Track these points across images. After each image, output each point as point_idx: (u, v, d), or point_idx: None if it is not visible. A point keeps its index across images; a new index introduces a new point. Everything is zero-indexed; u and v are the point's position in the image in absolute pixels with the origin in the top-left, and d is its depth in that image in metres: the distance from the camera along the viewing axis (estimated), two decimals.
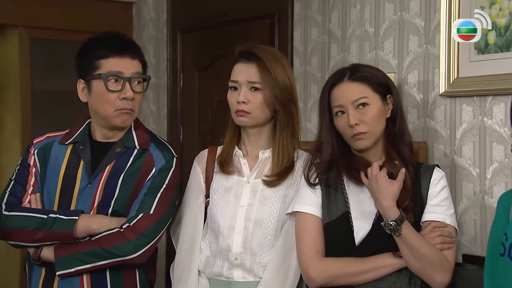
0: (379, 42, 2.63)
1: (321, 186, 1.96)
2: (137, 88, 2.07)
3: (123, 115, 2.06)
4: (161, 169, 2.08)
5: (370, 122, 1.88)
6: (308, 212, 1.94)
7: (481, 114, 2.29)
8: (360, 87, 1.90)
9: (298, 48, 3.07)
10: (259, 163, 2.10)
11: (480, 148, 2.30)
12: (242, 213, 2.06)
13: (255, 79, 2.02)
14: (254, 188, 2.08)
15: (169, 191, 2.08)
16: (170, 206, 2.09)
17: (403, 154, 1.92)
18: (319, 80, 2.96)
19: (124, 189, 2.07)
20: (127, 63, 2.05)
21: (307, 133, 3.03)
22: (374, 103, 1.90)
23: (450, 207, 1.91)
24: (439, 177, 1.93)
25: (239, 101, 2.02)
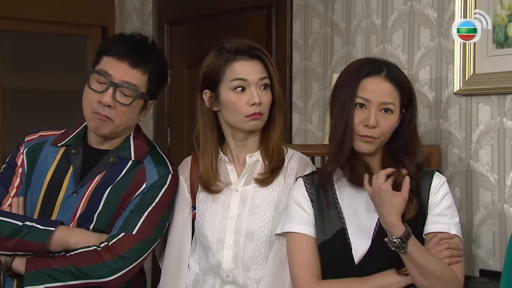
0: (387, 35, 2.63)
1: (312, 202, 1.95)
2: (122, 99, 2.02)
3: (97, 120, 2.03)
4: (153, 185, 2.07)
5: (385, 130, 1.88)
6: (300, 231, 1.93)
7: (499, 115, 2.28)
8: (393, 92, 1.89)
9: (298, 41, 3.06)
10: (247, 168, 2.08)
11: (499, 152, 2.29)
12: (232, 226, 2.05)
13: (264, 75, 2.02)
14: (243, 197, 2.07)
15: (158, 210, 2.06)
16: (158, 228, 2.06)
17: (406, 168, 1.89)
18: (320, 77, 2.96)
19: (109, 203, 2.05)
20: (123, 68, 2.02)
21: (307, 136, 3.02)
22: (396, 113, 1.90)
23: (454, 216, 1.90)
24: (439, 184, 1.91)
25: (255, 103, 1.99)
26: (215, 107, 2.06)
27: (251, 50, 2.02)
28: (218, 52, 2.05)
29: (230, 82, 2.00)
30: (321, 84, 2.96)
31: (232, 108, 2.01)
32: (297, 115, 3.08)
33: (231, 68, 2.00)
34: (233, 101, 2.00)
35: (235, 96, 2.00)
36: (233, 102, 2.00)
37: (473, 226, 2.35)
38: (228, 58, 2.01)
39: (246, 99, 2.00)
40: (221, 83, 2.01)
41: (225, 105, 2.02)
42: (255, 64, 2.02)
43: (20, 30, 3.60)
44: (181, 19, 3.68)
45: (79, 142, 2.12)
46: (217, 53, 2.04)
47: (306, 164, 2.10)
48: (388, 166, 1.91)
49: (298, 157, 2.11)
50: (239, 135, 2.08)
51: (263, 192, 2.06)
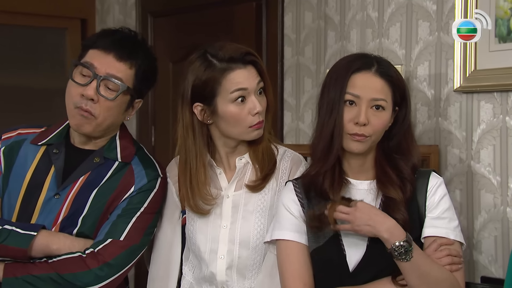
0: (383, 29, 2.63)
1: (303, 207, 1.94)
2: (105, 92, 2.01)
3: (79, 117, 2.01)
4: (141, 189, 2.06)
5: (377, 128, 1.87)
6: (290, 239, 1.92)
7: (502, 113, 2.29)
8: (385, 88, 1.88)
9: (290, 35, 3.06)
10: (237, 172, 2.08)
11: (502, 153, 2.29)
12: (225, 235, 2.05)
13: (259, 79, 2.02)
14: (235, 203, 2.06)
15: (146, 216, 2.06)
16: (145, 235, 2.06)
17: (401, 170, 1.90)
18: (313, 73, 2.96)
19: (95, 206, 2.04)
20: (108, 61, 2.01)
21: (299, 135, 3.02)
22: (388, 110, 1.89)
23: (453, 219, 1.90)
24: (436, 185, 1.91)
25: (258, 112, 1.99)
26: (209, 120, 2.04)
27: (245, 56, 2.00)
28: (206, 61, 2.00)
29: (230, 94, 1.98)
30: (314, 81, 2.96)
31: (234, 120, 2.00)
32: (288, 114, 3.08)
33: (228, 79, 1.98)
34: (235, 113, 1.99)
35: (236, 108, 1.99)
36: (235, 115, 1.99)
37: (474, 231, 2.36)
38: (223, 68, 1.98)
39: (248, 109, 1.99)
40: (218, 95, 1.99)
41: (225, 118, 2.00)
42: (250, 70, 2.01)
43: None
44: (166, 11, 3.67)
45: (61, 141, 2.11)
46: (206, 63, 1.99)
47: (299, 162, 2.10)
48: (382, 168, 1.91)
49: (290, 155, 2.10)
50: (232, 144, 2.08)
51: (256, 197, 2.06)
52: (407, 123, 1.94)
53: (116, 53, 2.01)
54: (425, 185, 1.90)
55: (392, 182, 1.88)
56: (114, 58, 2.01)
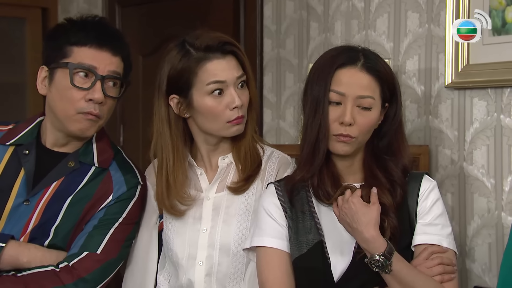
0: (370, 20, 2.63)
1: (285, 212, 1.93)
2: (111, 91, 2.04)
3: (85, 122, 2.02)
4: (120, 197, 2.06)
5: (364, 129, 1.87)
6: (271, 246, 1.91)
7: (496, 111, 2.30)
8: (371, 83, 1.87)
9: (270, 27, 3.05)
10: (219, 173, 2.08)
11: (496, 154, 2.31)
12: (204, 239, 2.04)
13: (241, 73, 2.02)
14: (216, 205, 2.06)
15: (125, 227, 2.05)
16: (124, 247, 2.06)
17: (391, 173, 1.90)
18: (295, 68, 2.95)
19: (69, 215, 2.02)
20: (106, 58, 2.02)
21: (280, 135, 3.02)
22: (376, 108, 1.88)
23: (446, 225, 1.90)
24: (429, 188, 1.91)
25: (237, 106, 1.99)
26: (186, 114, 2.04)
27: (223, 46, 2.00)
28: (182, 50, 2.01)
29: (206, 86, 1.98)
30: (296, 75, 2.96)
31: (210, 115, 1.99)
32: (268, 111, 3.08)
33: (204, 69, 1.98)
34: (210, 106, 1.99)
35: (212, 101, 1.98)
36: (211, 108, 1.99)
37: (467, 238, 2.37)
38: (199, 58, 1.98)
39: (226, 103, 1.98)
40: (193, 87, 1.99)
41: (200, 112, 2.00)
42: (230, 61, 2.00)
43: None
44: (135, 0, 3.65)
45: (32, 142, 2.09)
46: (182, 52, 2.00)
47: (287, 164, 2.10)
48: (371, 170, 1.90)
49: (278, 157, 2.10)
50: (213, 140, 2.08)
51: (239, 200, 2.06)
52: (397, 120, 1.93)
53: (109, 47, 2.02)
54: (417, 189, 1.90)
55: (381, 186, 1.88)
56: (109, 53, 2.02)
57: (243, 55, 2.03)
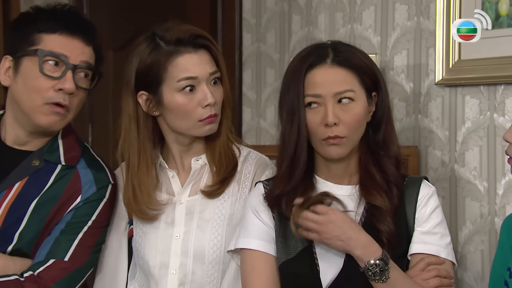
0: (355, 13, 2.64)
1: (273, 213, 1.93)
2: (82, 83, 2.02)
3: (53, 115, 1.99)
4: (89, 199, 2.04)
5: (351, 125, 1.86)
6: (257, 248, 1.91)
7: (489, 109, 2.31)
8: (346, 76, 1.87)
9: (249, 20, 3.05)
10: (192, 175, 2.07)
11: (489, 155, 2.31)
12: (177, 246, 2.04)
13: (215, 69, 2.02)
14: (190, 210, 2.05)
15: (95, 231, 2.04)
16: (93, 253, 2.05)
17: (386, 171, 1.90)
18: (276, 63, 2.95)
19: (34, 219, 2.00)
20: (77, 46, 2.00)
21: (260, 135, 3.01)
22: (360, 100, 1.87)
23: (445, 235, 1.90)
24: (428, 194, 1.91)
25: (209, 103, 1.98)
26: (155, 112, 2.03)
27: (195, 39, 1.99)
28: (152, 43, 2.00)
29: (177, 82, 1.97)
30: (277, 71, 2.96)
31: (181, 113, 1.99)
32: (248, 110, 3.08)
33: (175, 64, 1.97)
34: (181, 104, 1.98)
35: (183, 98, 1.98)
36: (181, 106, 1.98)
37: (458, 244, 2.37)
38: (169, 51, 1.98)
39: (197, 100, 1.98)
40: (163, 83, 1.98)
41: (170, 109, 1.99)
42: (202, 56, 2.00)
43: None
44: None
45: None
46: (151, 45, 2.00)
47: (265, 165, 2.09)
48: (366, 169, 1.91)
49: (255, 157, 2.10)
50: (185, 140, 2.06)
51: (213, 204, 2.05)
52: (385, 108, 1.92)
53: (82, 35, 2.01)
54: (415, 195, 1.90)
55: (377, 187, 1.88)
56: (82, 42, 2.01)
57: (216, 49, 2.03)
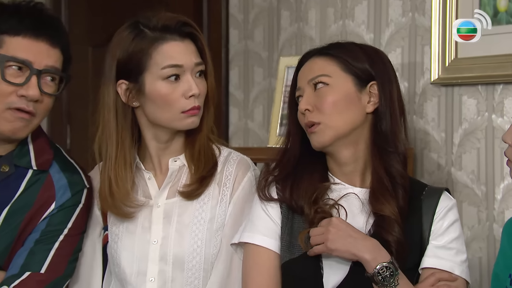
0: (347, 9, 2.64)
1: (281, 208, 1.94)
2: (48, 88, 1.99)
3: (17, 121, 1.96)
4: (64, 205, 2.03)
5: (326, 110, 1.88)
6: (262, 244, 1.92)
7: (488, 110, 2.31)
8: (323, 63, 1.92)
9: (236, 16, 3.05)
10: (170, 176, 2.06)
11: (487, 158, 2.31)
12: (155, 252, 2.03)
13: (199, 60, 2.01)
14: (168, 213, 2.04)
15: (71, 239, 2.03)
16: (71, 262, 2.04)
17: (392, 172, 1.90)
18: (265, 61, 2.95)
19: (6, 229, 1.98)
20: (43, 50, 1.97)
21: (248, 136, 3.01)
22: (339, 85, 1.90)
23: (461, 251, 1.89)
24: (447, 207, 1.91)
25: (194, 94, 1.97)
26: (135, 102, 2.02)
27: (181, 27, 2.00)
28: (135, 29, 1.99)
29: (161, 70, 1.96)
30: (266, 70, 2.96)
31: (163, 103, 1.98)
32: (235, 110, 3.07)
33: (160, 51, 1.97)
34: (164, 93, 1.97)
35: (167, 87, 1.97)
36: (165, 95, 1.97)
37: None
38: (155, 38, 1.97)
39: (182, 91, 1.97)
40: (146, 71, 1.98)
41: (152, 99, 1.99)
42: (188, 45, 2.00)
43: None
44: None
45: None
46: (135, 31, 1.99)
47: (247, 167, 2.08)
48: (376, 170, 1.90)
49: (236, 158, 2.09)
50: (164, 136, 2.05)
51: (193, 207, 2.04)
52: (387, 98, 1.91)
53: (47, 38, 1.98)
54: (434, 206, 1.90)
55: (385, 192, 1.87)
56: (47, 44, 1.98)
57: (202, 40, 2.03)
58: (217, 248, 2.02)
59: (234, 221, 2.02)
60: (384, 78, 1.92)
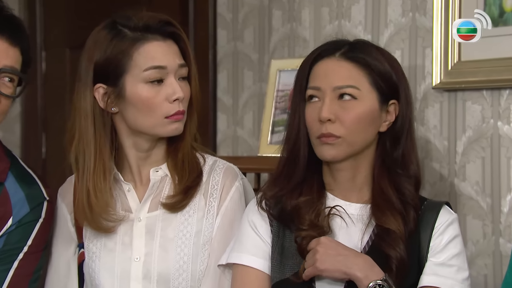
0: (343, 8, 2.65)
1: (271, 226, 1.94)
2: (6, 89, 1.98)
3: None
4: (22, 221, 2.02)
5: (350, 124, 1.87)
6: (250, 265, 1.93)
7: (493, 116, 2.31)
8: (352, 71, 1.89)
9: (225, 15, 3.05)
10: (152, 187, 2.06)
11: (493, 168, 2.31)
12: (138, 270, 2.03)
13: (183, 62, 2.03)
14: (150, 228, 2.04)
15: (32, 257, 2.02)
16: (32, 282, 2.03)
17: (403, 191, 1.90)
18: (255, 64, 2.96)
19: None
20: (1, 48, 1.97)
21: (238, 145, 3.01)
22: (366, 100, 1.88)
23: (462, 269, 1.90)
24: (447, 222, 1.91)
25: (178, 98, 1.98)
26: (114, 108, 2.02)
27: (163, 27, 2.00)
28: (113, 30, 2.00)
29: (143, 72, 1.97)
30: (256, 73, 2.96)
31: (146, 107, 1.98)
32: (223, 117, 3.07)
33: (141, 52, 1.97)
34: (146, 97, 1.98)
35: (149, 91, 1.98)
36: (147, 99, 1.98)
37: None
38: (136, 38, 1.98)
39: (165, 94, 1.98)
40: (127, 73, 1.98)
41: (134, 104, 1.99)
42: (171, 45, 2.01)
43: None
44: None
45: None
46: (113, 32, 1.99)
47: (234, 175, 2.09)
48: (381, 188, 1.91)
49: (223, 167, 2.09)
50: (145, 145, 2.04)
51: (177, 220, 2.04)
52: (405, 120, 1.93)
53: (7, 35, 1.97)
54: (433, 221, 1.90)
55: (392, 209, 1.87)
56: (6, 43, 1.97)
57: (186, 41, 2.03)
58: (205, 264, 2.02)
59: (223, 234, 2.03)
60: (406, 97, 1.93)
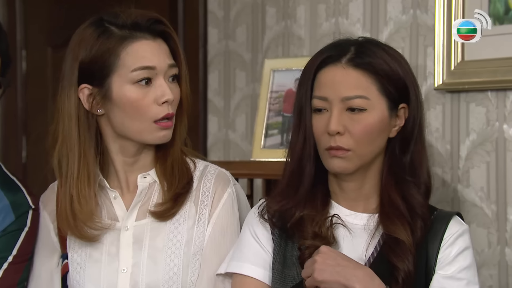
0: (341, 5, 2.66)
1: (273, 235, 1.95)
2: None
3: None
4: (7, 230, 2.03)
5: (360, 137, 1.87)
6: (249, 275, 1.94)
7: (498, 119, 2.32)
8: (361, 80, 1.88)
9: (216, 13, 3.06)
10: (139, 194, 2.05)
11: (498, 173, 2.32)
12: (125, 282, 2.03)
13: (173, 62, 2.02)
14: (138, 237, 2.04)
15: (17, 267, 2.03)
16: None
17: (410, 200, 1.90)
18: (248, 64, 2.96)
19: None
20: None
21: (229, 149, 3.02)
22: (376, 109, 1.88)
23: (472, 282, 1.89)
24: (457, 233, 1.91)
25: (168, 100, 1.98)
26: (99, 109, 2.01)
27: (153, 25, 2.00)
28: (100, 27, 1.99)
29: (131, 72, 1.97)
30: (249, 74, 2.97)
31: (133, 110, 1.98)
32: (214, 119, 3.08)
33: (129, 51, 1.97)
34: (134, 98, 1.97)
35: (137, 92, 1.98)
36: (135, 101, 1.97)
37: None
38: (123, 36, 1.98)
39: (154, 96, 1.97)
40: (114, 73, 1.98)
41: (120, 105, 1.99)
42: (160, 45, 2.00)
43: None
44: None
45: None
46: (100, 29, 1.98)
47: (226, 181, 2.08)
48: (389, 197, 1.90)
49: (214, 172, 2.09)
50: (132, 149, 2.04)
51: (167, 229, 2.03)
52: (415, 124, 1.93)
53: None
54: (442, 232, 1.90)
55: (400, 218, 1.87)
56: None
57: (176, 40, 2.03)
58: (196, 274, 2.02)
59: (215, 243, 2.03)
60: (414, 101, 1.93)
